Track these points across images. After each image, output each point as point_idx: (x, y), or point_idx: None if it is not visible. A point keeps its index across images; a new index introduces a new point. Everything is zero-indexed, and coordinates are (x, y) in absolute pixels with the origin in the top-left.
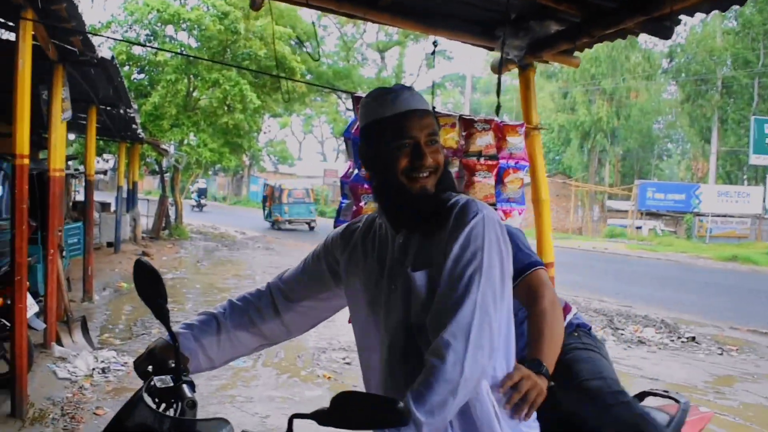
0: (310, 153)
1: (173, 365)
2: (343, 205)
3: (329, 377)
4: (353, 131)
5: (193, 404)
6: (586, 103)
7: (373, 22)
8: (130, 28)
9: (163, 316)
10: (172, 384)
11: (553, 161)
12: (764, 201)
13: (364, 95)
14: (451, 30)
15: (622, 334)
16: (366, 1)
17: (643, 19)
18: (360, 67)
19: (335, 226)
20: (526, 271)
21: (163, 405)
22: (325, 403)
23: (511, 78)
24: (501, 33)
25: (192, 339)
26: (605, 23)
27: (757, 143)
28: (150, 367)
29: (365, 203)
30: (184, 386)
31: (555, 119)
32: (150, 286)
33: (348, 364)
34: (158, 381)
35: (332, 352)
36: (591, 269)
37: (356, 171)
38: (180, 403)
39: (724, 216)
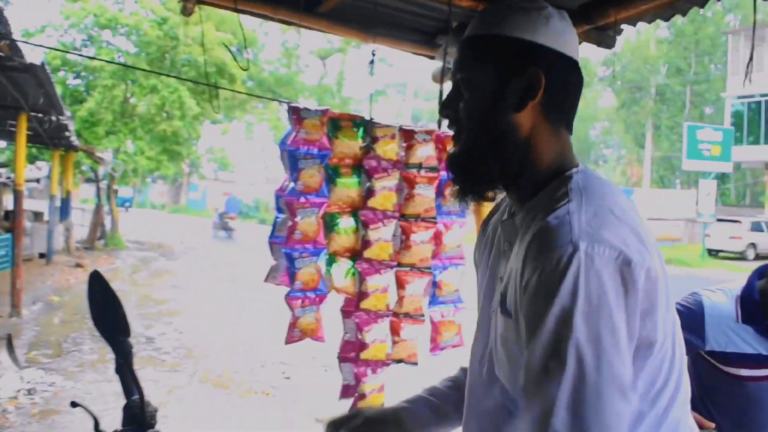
0: (251, 160)
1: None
2: (278, 220)
3: (267, 393)
4: (289, 142)
5: None
6: None
7: (311, 29)
8: (66, 32)
9: (125, 356)
10: None
11: None
12: (697, 205)
13: (301, 106)
14: (392, 38)
15: None
16: (303, 8)
17: (587, 28)
18: (302, 73)
19: (270, 244)
20: None
21: None
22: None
23: None
24: (442, 41)
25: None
26: None
27: (689, 149)
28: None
29: (301, 218)
30: None
31: None
32: (107, 313)
33: (288, 378)
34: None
35: (271, 366)
36: None
37: (292, 184)
38: None
39: (659, 219)
